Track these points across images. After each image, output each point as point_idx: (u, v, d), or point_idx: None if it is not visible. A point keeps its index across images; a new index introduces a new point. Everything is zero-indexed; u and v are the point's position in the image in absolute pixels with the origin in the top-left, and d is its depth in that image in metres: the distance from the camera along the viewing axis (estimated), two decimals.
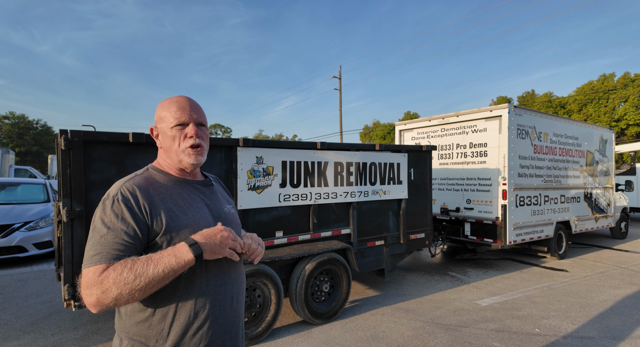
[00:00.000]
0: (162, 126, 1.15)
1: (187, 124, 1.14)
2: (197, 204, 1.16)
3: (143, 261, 0.95)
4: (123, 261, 0.95)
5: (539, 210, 6.27)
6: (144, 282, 0.93)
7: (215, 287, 1.11)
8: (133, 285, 0.92)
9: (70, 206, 2.60)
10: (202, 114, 1.18)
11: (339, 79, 23.81)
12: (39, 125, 43.70)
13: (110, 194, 1.05)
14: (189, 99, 1.17)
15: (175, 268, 0.96)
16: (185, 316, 1.05)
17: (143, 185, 1.09)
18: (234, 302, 1.17)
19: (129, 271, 0.93)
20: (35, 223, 5.98)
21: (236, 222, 1.27)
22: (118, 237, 0.98)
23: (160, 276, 0.95)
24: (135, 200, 1.04)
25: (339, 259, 3.93)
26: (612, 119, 30.88)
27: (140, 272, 0.93)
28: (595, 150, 7.73)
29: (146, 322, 1.05)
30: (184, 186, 1.17)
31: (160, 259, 0.96)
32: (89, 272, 0.95)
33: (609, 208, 8.17)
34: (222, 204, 1.26)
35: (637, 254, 7.14)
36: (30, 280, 5.11)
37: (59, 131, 2.61)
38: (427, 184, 5.00)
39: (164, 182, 1.14)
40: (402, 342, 3.36)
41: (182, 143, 1.13)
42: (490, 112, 5.90)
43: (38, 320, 3.76)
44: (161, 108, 1.16)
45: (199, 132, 1.15)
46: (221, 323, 1.12)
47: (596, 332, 3.58)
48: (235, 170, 3.42)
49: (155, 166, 1.19)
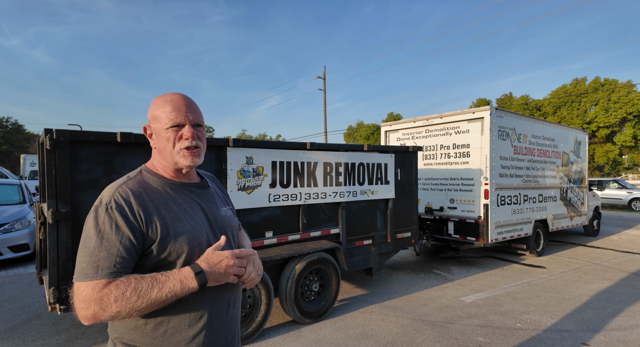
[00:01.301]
0: (156, 126, 1.10)
1: (183, 125, 1.08)
2: (192, 209, 1.12)
3: (148, 281, 0.94)
4: (126, 279, 0.94)
5: (519, 209, 6.50)
6: (145, 303, 0.93)
7: (211, 294, 1.08)
8: (135, 305, 0.92)
9: (55, 207, 2.53)
10: (199, 114, 1.13)
11: (323, 79, 23.88)
12: (9, 124, 41.75)
13: (103, 202, 1.00)
14: (185, 98, 1.11)
15: (178, 294, 0.96)
16: (180, 325, 1.03)
17: (136, 190, 1.04)
18: (231, 307, 1.15)
19: (133, 291, 0.92)
20: (11, 225, 5.73)
21: (233, 225, 1.24)
22: (114, 248, 0.95)
23: (162, 300, 0.95)
24: (129, 207, 1.00)
25: (329, 258, 3.96)
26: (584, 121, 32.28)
27: (144, 293, 0.92)
28: (570, 151, 8.07)
29: (139, 329, 1.03)
30: (179, 190, 1.13)
31: (165, 282, 0.95)
32: (88, 287, 0.92)
33: (583, 207, 8.55)
34: (219, 206, 1.22)
35: (608, 250, 7.51)
36: (6, 284, 4.90)
37: (44, 130, 2.53)
38: (413, 184, 5.10)
39: (157, 186, 1.09)
40: (390, 339, 3.42)
41: (178, 144, 1.08)
42: (473, 114, 6.07)
43: (17, 325, 3.62)
44: (155, 107, 1.10)
45: (195, 134, 1.09)
46: (217, 330, 1.10)
47: (573, 325, 3.76)
48: (225, 171, 3.40)
49: (148, 168, 1.14)
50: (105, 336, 3.40)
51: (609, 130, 31.72)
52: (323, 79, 23.89)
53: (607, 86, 31.66)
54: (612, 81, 31.72)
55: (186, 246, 1.05)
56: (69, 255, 2.60)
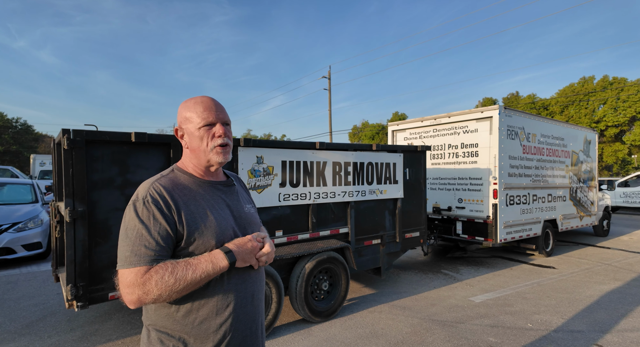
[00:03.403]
0: (188, 127, 1.17)
1: (215, 123, 1.16)
2: (219, 205, 1.19)
3: (182, 265, 1.02)
4: (163, 264, 1.02)
5: (528, 209, 6.46)
6: (182, 285, 1.01)
7: (237, 285, 1.14)
8: (173, 288, 1.00)
9: (72, 206, 2.57)
10: (227, 114, 1.22)
11: (328, 79, 23.89)
12: (18, 124, 42.31)
13: (140, 196, 1.08)
14: (213, 99, 1.20)
15: (210, 274, 1.05)
16: (209, 313, 1.09)
17: (169, 187, 1.12)
18: (255, 299, 1.21)
19: (170, 275, 1.00)
20: (24, 224, 5.83)
21: (256, 222, 1.30)
22: (153, 238, 1.03)
23: (197, 280, 1.03)
24: (164, 201, 1.07)
25: (338, 257, 3.98)
26: (592, 120, 31.90)
27: (180, 276, 1.00)
28: (579, 151, 8.00)
29: (171, 317, 1.09)
30: (207, 187, 1.20)
31: (198, 264, 1.03)
32: (131, 273, 1.00)
33: (593, 207, 8.47)
34: (243, 204, 1.28)
35: (619, 251, 7.43)
36: (20, 282, 4.99)
37: (61, 130, 2.58)
38: (421, 184, 5.09)
39: (187, 183, 1.16)
40: (400, 338, 3.43)
41: (210, 142, 1.15)
42: (482, 113, 6.05)
43: (33, 322, 3.68)
44: (186, 109, 1.18)
45: (226, 131, 1.18)
46: (242, 320, 1.15)
47: (585, 325, 3.73)
48: (236, 170, 3.43)
49: (180, 167, 1.21)
50: (119, 333, 3.45)
51: (618, 129, 31.32)
52: (328, 79, 23.90)
53: (615, 85, 31.24)
54: (621, 79, 31.30)
55: (213, 240, 1.11)
56: (85, 253, 2.65)
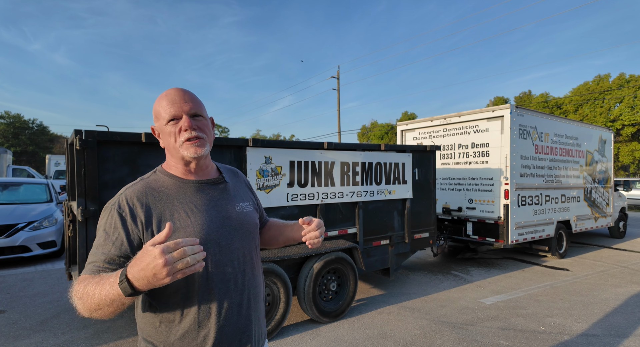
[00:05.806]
0: (158, 124, 1.10)
1: (180, 117, 1.07)
2: (200, 208, 1.10)
3: (96, 282, 0.89)
4: (91, 276, 0.93)
5: (540, 209, 6.34)
6: (94, 303, 0.88)
7: (219, 295, 1.07)
8: (87, 304, 0.89)
9: (85, 205, 2.62)
10: (197, 104, 1.10)
11: (337, 79, 23.85)
12: (34, 125, 43.37)
13: (110, 203, 1.05)
14: (179, 90, 1.10)
15: (114, 298, 0.85)
16: (190, 325, 1.05)
17: (142, 192, 1.06)
18: (243, 309, 1.12)
19: (83, 289, 0.90)
20: (39, 223, 5.97)
21: (249, 221, 1.20)
22: (107, 247, 0.98)
23: (106, 302, 0.86)
24: (130, 210, 1.02)
25: (346, 258, 3.96)
26: (607, 119, 31.15)
27: (90, 293, 0.88)
28: (594, 151, 7.81)
29: (155, 327, 1.06)
30: (189, 189, 1.12)
31: (105, 284, 0.87)
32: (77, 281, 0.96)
33: (608, 208, 8.26)
34: (234, 202, 1.19)
35: (636, 253, 7.23)
36: (35, 280, 5.11)
37: (74, 131, 2.63)
38: (431, 184, 5.04)
39: (167, 185, 1.10)
40: (410, 340, 3.40)
41: (179, 138, 1.07)
42: (492, 113, 5.96)
43: (47, 319, 3.76)
44: (155, 104, 1.10)
45: (193, 124, 1.07)
46: (228, 332, 1.08)
47: (600, 330, 3.64)
48: (245, 170, 3.45)
49: (163, 168, 1.15)
50: (130, 331, 3.50)
51: (635, 128, 30.50)
52: (337, 79, 23.86)
53: (632, 82, 30.45)
54: (638, 77, 30.50)
55: None
56: None
